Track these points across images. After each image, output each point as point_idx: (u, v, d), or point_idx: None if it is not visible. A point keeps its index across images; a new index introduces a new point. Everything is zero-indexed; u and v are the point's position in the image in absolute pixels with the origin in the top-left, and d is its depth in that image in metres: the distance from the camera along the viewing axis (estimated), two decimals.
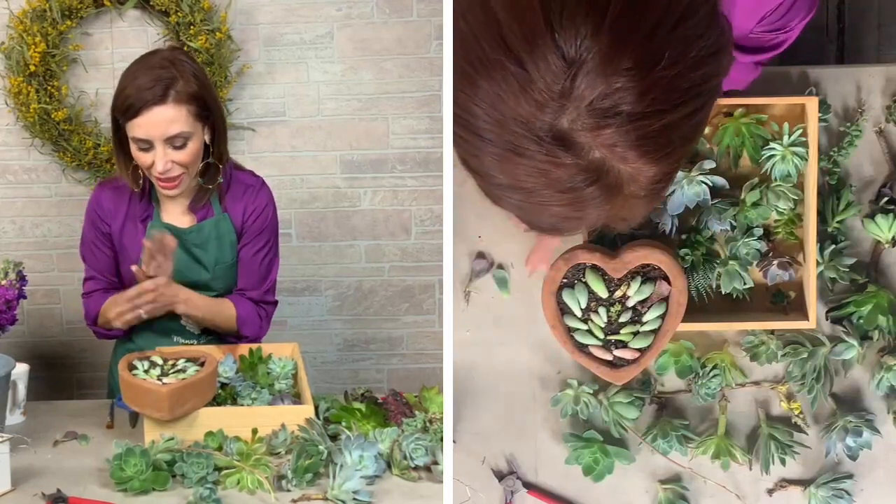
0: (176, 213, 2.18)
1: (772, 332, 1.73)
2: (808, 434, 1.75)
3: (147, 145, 2.03)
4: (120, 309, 2.04)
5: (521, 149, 0.87)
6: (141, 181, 2.13)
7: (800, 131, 1.66)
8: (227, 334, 2.21)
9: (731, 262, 1.71)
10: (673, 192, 1.69)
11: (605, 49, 0.82)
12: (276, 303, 2.28)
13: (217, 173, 2.15)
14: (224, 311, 2.17)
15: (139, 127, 2.02)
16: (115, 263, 2.19)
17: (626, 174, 0.88)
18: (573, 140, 0.85)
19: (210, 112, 2.09)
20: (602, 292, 1.64)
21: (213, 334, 2.22)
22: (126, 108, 2.02)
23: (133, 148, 2.05)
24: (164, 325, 2.18)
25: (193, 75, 2.06)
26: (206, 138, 2.10)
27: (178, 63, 2.06)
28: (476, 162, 0.93)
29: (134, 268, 2.03)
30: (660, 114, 0.85)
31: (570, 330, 1.65)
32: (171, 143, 2.03)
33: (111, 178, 2.22)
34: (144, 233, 2.14)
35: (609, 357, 1.65)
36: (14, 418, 1.99)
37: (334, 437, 1.83)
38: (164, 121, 2.01)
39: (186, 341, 2.20)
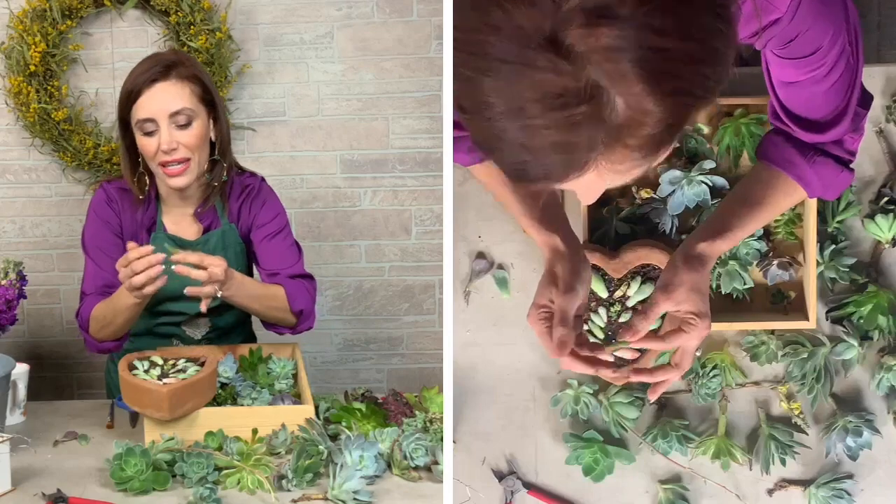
0: (181, 224, 2.15)
1: (772, 332, 1.74)
2: (808, 434, 1.75)
3: (152, 126, 2.01)
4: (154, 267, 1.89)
5: (522, 59, 0.93)
6: (147, 188, 2.11)
7: None
8: (280, 323, 2.13)
9: (731, 262, 1.71)
10: (673, 192, 1.69)
11: None
12: (313, 277, 2.23)
13: (222, 171, 2.13)
14: (272, 291, 2.10)
15: (142, 107, 2.01)
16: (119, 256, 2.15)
17: (622, 109, 0.92)
18: (570, 47, 0.91)
19: (214, 105, 2.09)
20: (602, 292, 1.64)
21: (212, 339, 2.22)
22: (128, 93, 2.03)
23: (139, 139, 2.04)
24: (165, 329, 2.18)
25: (195, 65, 2.10)
26: (212, 135, 2.09)
27: (180, 53, 2.12)
28: (475, 95, 0.98)
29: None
30: (658, 33, 0.91)
31: None
32: (175, 121, 2.01)
33: (115, 179, 2.19)
34: (148, 242, 2.11)
35: (609, 357, 1.65)
36: (14, 418, 1.99)
37: (334, 437, 1.83)
38: (166, 97, 2.01)
39: (187, 346, 2.19)
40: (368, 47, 3.00)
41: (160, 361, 1.90)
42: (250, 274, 2.24)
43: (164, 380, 1.83)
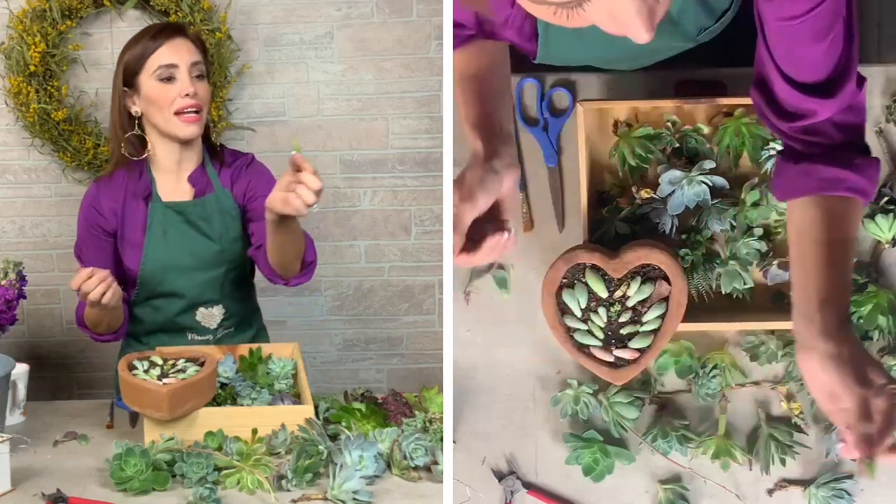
0: (176, 190, 2.18)
1: (772, 332, 1.73)
2: (808, 434, 1.75)
3: (172, 71, 2.09)
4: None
5: None
6: (145, 152, 2.14)
7: None
8: (285, 269, 2.07)
9: (731, 262, 1.71)
10: (673, 192, 1.69)
11: None
12: None
13: (211, 134, 2.23)
14: (303, 235, 2.04)
15: (164, 54, 2.10)
16: (111, 261, 2.17)
17: None
18: None
19: (209, 75, 2.18)
20: (602, 292, 1.64)
21: (230, 327, 2.24)
22: (143, 49, 2.11)
23: (155, 87, 2.10)
24: (179, 321, 2.19)
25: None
26: None
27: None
28: None
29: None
30: None
31: (570, 330, 1.65)
32: (192, 72, 2.11)
33: (104, 176, 2.23)
34: (147, 211, 2.15)
35: (609, 357, 1.65)
36: (14, 418, 1.99)
37: (334, 437, 1.83)
38: (187, 49, 2.12)
39: (202, 338, 2.20)
40: (368, 47, 3.00)
41: (160, 361, 1.90)
42: (246, 240, 2.23)
43: (164, 380, 1.82)
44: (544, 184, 1.79)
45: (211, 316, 2.20)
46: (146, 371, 1.86)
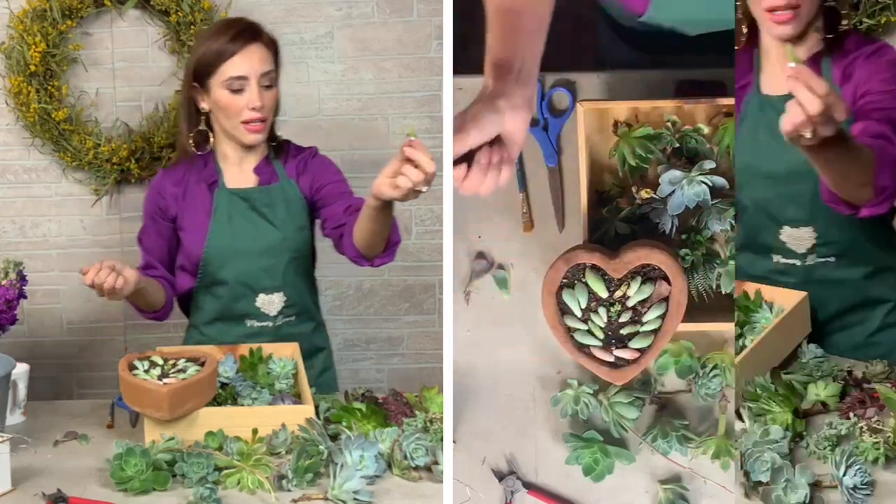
0: (241, 178, 2.23)
1: None
2: None
3: (242, 83, 2.13)
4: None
5: None
6: (208, 146, 2.20)
7: None
8: (370, 248, 2.09)
9: (731, 262, 1.72)
10: (673, 192, 1.69)
11: None
12: None
13: (274, 136, 2.27)
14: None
15: (236, 65, 2.14)
16: (168, 248, 2.24)
17: None
18: None
19: (278, 74, 2.22)
20: (602, 292, 1.64)
21: (290, 316, 2.26)
22: (219, 53, 2.13)
23: (225, 97, 2.14)
24: (238, 308, 2.22)
25: (271, 31, 2.24)
26: None
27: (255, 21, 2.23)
28: None
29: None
30: None
31: (570, 330, 1.65)
32: (262, 81, 2.15)
33: (171, 166, 2.30)
34: (212, 197, 2.20)
35: (609, 357, 1.65)
36: (14, 418, 1.99)
37: (334, 437, 1.84)
38: (259, 57, 2.16)
39: (262, 324, 2.23)
40: (368, 47, 3.00)
41: (160, 361, 1.90)
42: (311, 231, 2.30)
43: (164, 380, 1.83)
44: (544, 184, 1.79)
45: (271, 303, 2.23)
46: (146, 371, 1.86)
